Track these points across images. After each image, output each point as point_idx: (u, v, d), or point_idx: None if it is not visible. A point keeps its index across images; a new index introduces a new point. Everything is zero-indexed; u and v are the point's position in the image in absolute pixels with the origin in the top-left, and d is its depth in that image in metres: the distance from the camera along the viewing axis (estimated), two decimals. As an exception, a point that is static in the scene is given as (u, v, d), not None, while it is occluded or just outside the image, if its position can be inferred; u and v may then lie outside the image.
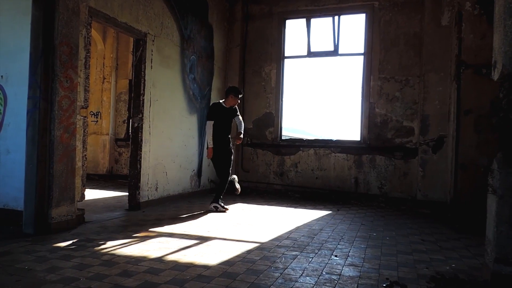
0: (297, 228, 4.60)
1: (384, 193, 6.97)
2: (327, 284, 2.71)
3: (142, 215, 5.04)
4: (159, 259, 3.20)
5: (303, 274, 2.92)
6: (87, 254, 3.29)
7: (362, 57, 7.26)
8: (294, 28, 8.01)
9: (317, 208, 6.13)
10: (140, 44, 5.45)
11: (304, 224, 4.88)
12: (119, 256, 3.25)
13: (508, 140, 2.61)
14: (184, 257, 3.27)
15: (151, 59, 5.60)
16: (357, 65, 7.41)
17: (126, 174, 8.81)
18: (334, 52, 7.43)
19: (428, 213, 6.09)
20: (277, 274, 2.90)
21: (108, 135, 9.04)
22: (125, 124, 9.17)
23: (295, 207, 6.16)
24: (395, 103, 6.97)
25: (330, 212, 5.85)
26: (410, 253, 3.59)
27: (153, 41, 5.63)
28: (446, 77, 6.37)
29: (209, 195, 7.13)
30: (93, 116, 9.00)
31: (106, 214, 5.01)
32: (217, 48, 7.55)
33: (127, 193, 5.57)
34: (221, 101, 5.72)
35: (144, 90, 5.46)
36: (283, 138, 7.92)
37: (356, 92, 7.41)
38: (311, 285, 2.69)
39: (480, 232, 4.45)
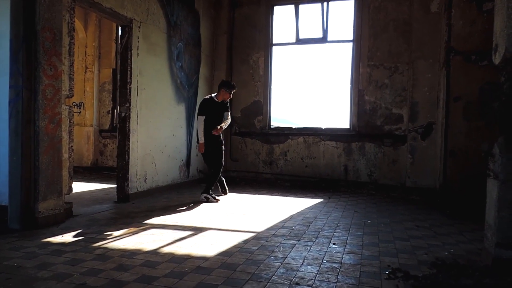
0: (291, 217, 4.55)
1: (374, 180, 6.99)
2: (330, 273, 2.67)
3: (132, 207, 4.91)
4: (155, 252, 3.10)
5: (304, 263, 2.86)
6: (79, 248, 3.16)
7: (351, 44, 7.20)
8: (282, 15, 7.89)
9: (308, 197, 6.10)
10: (126, 31, 5.26)
11: (298, 212, 4.83)
12: (112, 249, 3.14)
13: (510, 125, 2.59)
14: (180, 249, 3.18)
15: (138, 47, 5.42)
16: (346, 52, 7.34)
17: (111, 166, 8.65)
18: (323, 39, 7.35)
19: (418, 199, 6.13)
20: (277, 264, 2.84)
21: (92, 126, 8.80)
22: (110, 115, 8.93)
23: (286, 196, 6.12)
24: (384, 90, 6.96)
25: (322, 200, 5.83)
26: (407, 240, 3.59)
27: (139, 27, 5.44)
28: (435, 64, 6.37)
29: (198, 185, 7.03)
30: (76, 106, 8.73)
31: (95, 207, 4.87)
32: (204, 35, 7.38)
33: (115, 185, 5.43)
34: (212, 95, 5.66)
35: (131, 78, 5.28)
36: (272, 126, 7.84)
37: (345, 80, 7.37)
38: (314, 274, 2.65)
39: (471, 217, 4.53)
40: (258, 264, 2.84)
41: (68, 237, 3.48)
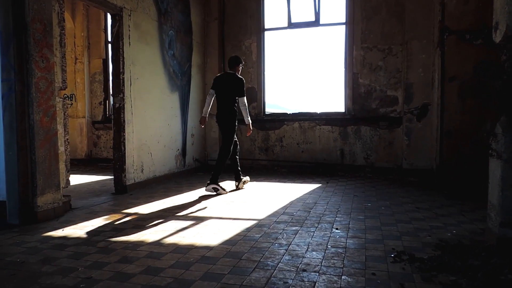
0: (291, 203, 4.55)
1: (370, 163, 7.01)
2: (336, 258, 2.67)
3: (130, 198, 4.88)
4: (158, 243, 3.08)
5: (308, 249, 2.87)
6: (81, 242, 3.13)
7: (344, 26, 7.14)
8: (273, -1, 7.76)
9: (306, 182, 6.11)
10: (116, 20, 5.14)
11: (297, 198, 4.84)
12: (115, 242, 3.12)
13: (512, 104, 2.59)
14: (183, 239, 3.16)
15: (129, 35, 5.31)
16: (339, 35, 7.28)
17: (106, 158, 8.58)
18: (315, 23, 7.27)
19: (415, 181, 6.17)
20: (282, 251, 2.84)
21: (85, 118, 8.68)
22: (102, 106, 8.81)
23: (284, 182, 6.12)
24: (379, 72, 6.93)
25: (320, 185, 5.84)
26: (409, 222, 3.61)
27: (130, 15, 5.32)
28: (429, 44, 6.35)
29: (195, 174, 7.01)
30: (67, 98, 8.59)
31: (93, 200, 4.83)
32: (195, 22, 7.26)
33: (111, 177, 5.40)
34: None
35: (123, 68, 5.19)
36: (266, 113, 7.80)
37: (339, 63, 7.33)
38: (319, 260, 2.65)
39: (469, 198, 4.57)
40: (263, 252, 2.84)
41: (69, 231, 3.44)
